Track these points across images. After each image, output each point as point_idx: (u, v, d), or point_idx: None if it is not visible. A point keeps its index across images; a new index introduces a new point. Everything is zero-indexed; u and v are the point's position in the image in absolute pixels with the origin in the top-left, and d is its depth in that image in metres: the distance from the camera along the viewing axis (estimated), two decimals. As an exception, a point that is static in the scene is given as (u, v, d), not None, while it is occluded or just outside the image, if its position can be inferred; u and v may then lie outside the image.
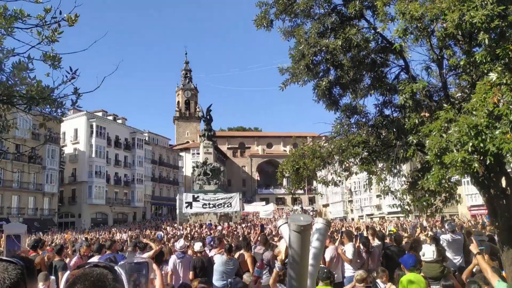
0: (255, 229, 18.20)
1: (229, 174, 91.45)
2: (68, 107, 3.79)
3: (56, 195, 53.99)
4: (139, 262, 1.72)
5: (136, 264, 1.69)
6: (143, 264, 1.70)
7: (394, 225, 19.08)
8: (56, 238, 22.94)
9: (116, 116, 69.62)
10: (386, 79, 8.44)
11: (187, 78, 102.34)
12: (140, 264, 1.69)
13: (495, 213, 7.14)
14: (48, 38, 3.24)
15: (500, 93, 5.37)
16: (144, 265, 1.70)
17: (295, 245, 3.39)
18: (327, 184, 8.88)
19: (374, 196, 58.27)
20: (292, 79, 7.89)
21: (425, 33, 7.04)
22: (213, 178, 46.94)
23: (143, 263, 1.71)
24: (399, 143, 7.79)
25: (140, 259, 1.76)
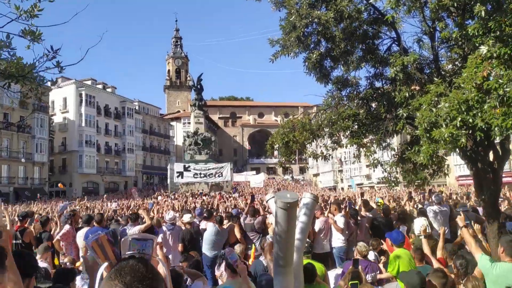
0: (246, 199, 18.35)
1: (220, 143, 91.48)
2: (48, 83, 3.67)
3: (46, 164, 53.74)
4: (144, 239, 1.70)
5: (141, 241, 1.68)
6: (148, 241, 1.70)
7: (384, 195, 19.29)
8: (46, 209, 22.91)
9: (106, 85, 68.74)
10: (378, 51, 8.35)
11: (178, 46, 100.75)
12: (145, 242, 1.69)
13: (481, 186, 7.23)
14: (28, 13, 3.11)
15: (490, 66, 5.33)
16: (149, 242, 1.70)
17: (282, 222, 3.40)
18: (316, 158, 8.89)
19: (364, 166, 58.81)
20: (283, 51, 7.76)
21: (418, 4, 6.93)
22: (204, 148, 46.93)
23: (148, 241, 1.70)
24: (389, 116, 7.78)
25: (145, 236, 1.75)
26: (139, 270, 1.35)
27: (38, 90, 3.42)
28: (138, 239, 1.67)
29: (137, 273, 1.33)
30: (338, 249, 9.29)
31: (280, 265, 3.44)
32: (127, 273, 1.32)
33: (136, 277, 1.32)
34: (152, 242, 1.70)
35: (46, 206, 24.58)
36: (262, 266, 6.34)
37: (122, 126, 67.70)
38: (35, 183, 51.29)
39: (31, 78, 3.21)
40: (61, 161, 59.27)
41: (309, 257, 6.30)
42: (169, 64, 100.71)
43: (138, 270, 1.35)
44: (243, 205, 15.01)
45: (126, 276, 1.31)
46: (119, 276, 1.31)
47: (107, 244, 1.68)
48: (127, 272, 1.33)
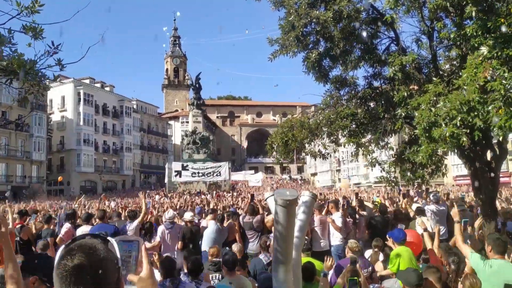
0: (245, 199, 18.38)
1: (218, 143, 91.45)
2: (50, 79, 3.69)
3: (44, 163, 53.63)
4: (131, 240, 1.70)
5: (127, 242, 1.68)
6: (134, 243, 1.69)
7: (380, 195, 19.30)
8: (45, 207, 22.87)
9: (104, 84, 68.62)
10: (376, 51, 8.39)
11: (176, 45, 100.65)
12: (131, 243, 1.68)
13: (479, 185, 7.27)
14: (29, 9, 3.13)
15: (491, 67, 5.37)
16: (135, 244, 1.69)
17: (281, 219, 3.42)
18: (315, 157, 8.93)
19: (362, 165, 58.89)
20: (282, 50, 7.79)
21: (416, 4, 6.98)
22: (202, 147, 46.97)
23: (133, 242, 1.70)
24: (387, 116, 7.82)
25: (131, 237, 1.75)
26: (91, 246, 1.35)
27: (40, 86, 3.44)
28: (124, 241, 1.68)
29: (87, 249, 1.33)
30: (336, 247, 9.32)
31: (279, 261, 3.46)
32: (78, 250, 1.33)
33: (86, 253, 1.32)
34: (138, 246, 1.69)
35: (45, 204, 24.53)
36: (262, 264, 6.37)
37: (120, 125, 67.60)
38: (33, 181, 51.18)
39: (33, 74, 3.23)
40: (59, 160, 59.17)
41: (308, 254, 6.34)
42: (167, 63, 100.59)
43: (90, 247, 1.35)
44: (242, 204, 15.04)
45: (76, 253, 1.32)
46: (68, 254, 1.32)
47: None
48: (77, 249, 1.33)
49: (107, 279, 1.34)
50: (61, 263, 1.31)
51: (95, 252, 1.34)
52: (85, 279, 1.29)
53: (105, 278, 1.34)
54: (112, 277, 1.38)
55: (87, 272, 1.30)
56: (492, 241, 4.40)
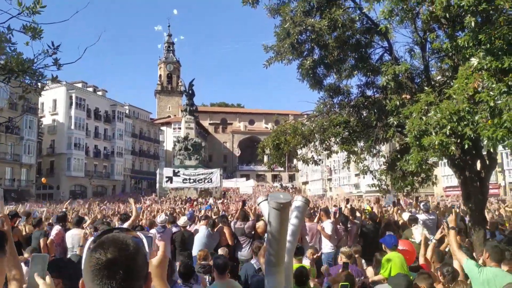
0: (236, 205, 18.34)
1: (210, 149, 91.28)
2: (48, 79, 3.71)
3: (34, 166, 53.15)
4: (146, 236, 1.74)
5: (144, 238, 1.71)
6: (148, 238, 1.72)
7: (370, 203, 19.37)
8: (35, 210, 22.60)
9: (96, 88, 68.38)
10: (370, 60, 8.49)
11: (170, 51, 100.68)
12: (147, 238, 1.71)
13: (468, 195, 7.36)
14: (29, 10, 3.15)
15: (480, 78, 5.47)
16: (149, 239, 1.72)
17: (274, 222, 3.45)
18: (307, 162, 8.98)
19: (353, 175, 59.12)
20: (277, 57, 7.87)
21: (410, 15, 7.08)
22: (194, 153, 46.85)
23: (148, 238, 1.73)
24: (380, 124, 7.90)
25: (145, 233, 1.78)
26: (123, 241, 1.35)
27: (38, 85, 3.45)
28: None
29: (119, 244, 1.33)
30: (326, 255, 9.35)
31: (272, 264, 3.49)
32: (110, 244, 1.32)
33: (118, 248, 1.32)
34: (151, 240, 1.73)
35: (40, 207, 24.28)
36: (253, 269, 6.38)
37: (112, 130, 67.29)
38: (22, 184, 50.68)
39: (31, 73, 3.24)
40: (49, 164, 58.66)
41: (300, 259, 6.36)
42: (160, 69, 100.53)
43: (122, 241, 1.35)
44: (234, 209, 15.01)
45: (108, 247, 1.31)
46: (101, 248, 1.31)
47: None
48: (109, 244, 1.33)
49: (138, 273, 1.35)
50: (93, 257, 1.30)
51: (127, 247, 1.34)
52: (118, 274, 1.28)
53: (137, 272, 1.34)
54: (143, 271, 1.38)
55: (120, 267, 1.29)
56: (490, 248, 4.40)
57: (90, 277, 1.30)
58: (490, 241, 5.29)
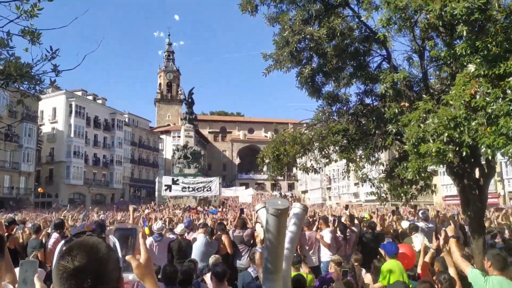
0: (234, 213, 18.29)
1: (209, 158, 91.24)
2: (47, 84, 3.72)
3: (33, 174, 53.06)
4: (129, 228, 1.71)
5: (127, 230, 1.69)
6: (132, 230, 1.70)
7: (369, 212, 19.33)
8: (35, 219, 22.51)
9: (96, 96, 68.51)
10: (368, 68, 8.52)
11: (170, 60, 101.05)
12: (130, 230, 1.69)
13: (467, 202, 7.35)
14: (28, 13, 3.16)
15: (478, 84, 5.49)
16: (133, 231, 1.70)
17: (272, 228, 3.44)
18: (307, 171, 8.97)
19: (352, 184, 59.04)
20: (276, 65, 7.89)
21: (408, 24, 7.11)
22: (193, 162, 46.79)
23: (132, 229, 1.71)
24: (378, 132, 7.90)
25: (129, 225, 1.77)
26: (92, 246, 1.32)
27: (36, 90, 3.46)
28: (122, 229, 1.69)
29: (89, 249, 1.30)
30: (325, 263, 9.29)
31: (269, 271, 3.46)
32: (78, 250, 1.29)
33: (87, 253, 1.29)
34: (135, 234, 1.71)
35: (37, 215, 24.17)
36: (250, 278, 6.34)
37: (111, 138, 67.32)
38: (21, 193, 50.55)
39: (29, 78, 3.24)
40: (48, 172, 58.58)
41: (298, 268, 6.33)
42: (160, 78, 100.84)
43: (91, 246, 1.32)
44: (231, 217, 14.94)
45: (76, 254, 1.28)
46: (68, 255, 1.28)
47: None
48: (78, 250, 1.29)
49: (108, 279, 1.32)
50: (60, 264, 1.28)
51: (97, 252, 1.32)
52: (86, 282, 1.26)
53: (106, 278, 1.32)
54: (114, 276, 1.36)
55: (89, 274, 1.27)
56: (492, 256, 4.34)
57: (58, 284, 1.28)
58: (491, 249, 5.24)
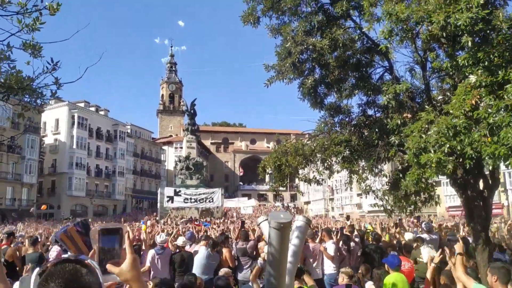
0: (235, 225, 18.21)
1: (211, 169, 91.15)
2: (48, 98, 3.71)
3: (35, 185, 53.06)
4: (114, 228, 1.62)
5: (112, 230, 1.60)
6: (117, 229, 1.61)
7: (374, 224, 19.21)
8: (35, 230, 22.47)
9: (99, 108, 68.75)
10: (371, 79, 8.51)
11: (172, 71, 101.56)
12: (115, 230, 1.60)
13: (471, 214, 7.28)
14: (29, 27, 3.16)
15: (479, 95, 5.46)
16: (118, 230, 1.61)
17: (275, 242, 3.39)
18: (309, 182, 8.92)
19: (355, 194, 58.77)
20: (278, 76, 7.90)
21: (410, 35, 7.11)
22: (195, 173, 46.79)
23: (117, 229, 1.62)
24: (381, 143, 7.87)
25: (112, 225, 1.67)
26: (72, 273, 1.29)
27: (37, 102, 3.44)
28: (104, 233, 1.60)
29: (68, 276, 1.27)
30: (329, 276, 9.22)
31: (272, 286, 3.41)
32: (57, 278, 1.26)
33: (66, 281, 1.26)
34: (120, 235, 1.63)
35: (35, 228, 24.12)
36: (252, 291, 6.27)
37: (113, 149, 67.38)
38: (23, 204, 50.49)
39: (30, 91, 3.24)
40: (50, 183, 58.55)
41: (301, 281, 6.26)
42: (163, 89, 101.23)
43: (71, 273, 1.29)
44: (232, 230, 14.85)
45: (58, 279, 1.26)
46: (46, 282, 1.26)
47: (77, 235, 1.62)
48: (57, 277, 1.27)
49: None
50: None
51: (77, 279, 1.29)
52: None
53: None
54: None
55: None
56: (497, 270, 4.24)
57: None
58: (496, 262, 5.17)
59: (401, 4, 6.35)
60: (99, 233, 1.55)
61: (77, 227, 1.62)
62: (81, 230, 1.62)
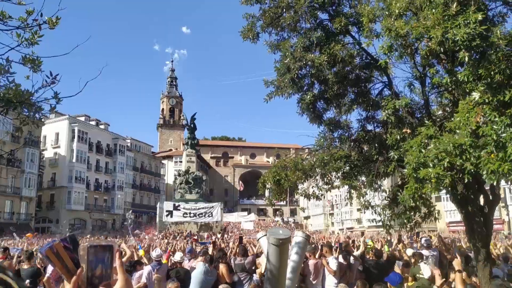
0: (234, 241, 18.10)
1: (211, 183, 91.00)
2: (47, 112, 3.71)
3: (34, 199, 52.89)
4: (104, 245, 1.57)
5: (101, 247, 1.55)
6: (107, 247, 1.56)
7: (375, 239, 19.10)
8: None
9: (99, 121, 68.94)
10: (370, 95, 8.54)
11: (173, 85, 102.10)
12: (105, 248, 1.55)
13: (472, 230, 7.23)
14: (28, 41, 3.17)
15: (482, 112, 5.47)
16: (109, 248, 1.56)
17: (273, 259, 3.36)
18: (308, 197, 8.88)
19: (355, 209, 58.53)
20: (277, 91, 7.92)
21: (409, 51, 7.15)
22: (195, 187, 46.65)
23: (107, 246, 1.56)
24: (381, 159, 7.85)
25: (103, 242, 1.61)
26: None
27: (35, 116, 3.44)
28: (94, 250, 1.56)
29: None
30: (329, 292, 9.11)
31: (271, 303, 3.37)
32: None
33: None
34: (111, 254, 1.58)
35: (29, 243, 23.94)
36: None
37: (113, 163, 67.36)
38: (21, 218, 50.25)
39: (29, 105, 3.23)
40: (49, 197, 58.39)
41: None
42: (163, 103, 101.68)
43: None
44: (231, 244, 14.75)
45: None
46: None
47: (63, 252, 1.55)
48: None
49: None
50: None
51: None
52: None
53: None
54: None
55: None
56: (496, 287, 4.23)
57: None
58: (495, 280, 5.13)
59: (400, 20, 6.39)
60: (88, 250, 1.50)
61: (64, 242, 1.54)
62: (68, 245, 1.55)
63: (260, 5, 8.12)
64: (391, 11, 6.53)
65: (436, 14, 5.66)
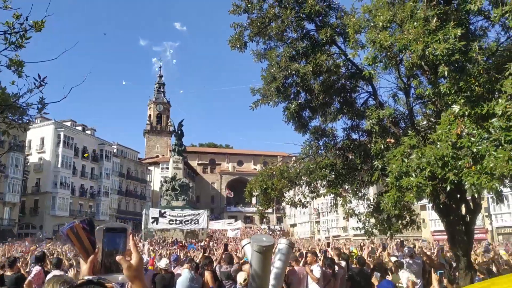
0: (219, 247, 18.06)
1: (198, 190, 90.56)
2: (33, 115, 3.71)
3: (18, 205, 52.04)
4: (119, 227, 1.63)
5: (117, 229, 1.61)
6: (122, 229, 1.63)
7: (357, 247, 19.18)
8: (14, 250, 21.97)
9: (85, 127, 68.32)
10: (355, 104, 8.66)
11: (160, 92, 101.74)
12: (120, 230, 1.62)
13: (453, 239, 7.35)
14: (15, 44, 3.19)
15: (463, 124, 5.60)
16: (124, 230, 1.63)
17: (256, 266, 3.40)
18: (294, 206, 8.95)
19: (341, 217, 58.70)
20: (263, 100, 8.00)
21: (393, 62, 7.29)
22: (181, 194, 46.37)
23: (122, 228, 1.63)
24: (365, 167, 7.96)
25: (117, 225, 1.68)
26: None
27: (22, 120, 3.44)
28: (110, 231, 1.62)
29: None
30: (313, 300, 9.14)
31: (253, 309, 3.40)
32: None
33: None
34: (126, 234, 1.64)
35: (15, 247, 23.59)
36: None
37: (99, 169, 66.71)
38: (4, 224, 49.42)
39: (15, 107, 3.24)
40: (33, 202, 57.52)
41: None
42: (150, 109, 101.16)
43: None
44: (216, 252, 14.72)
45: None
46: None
47: (82, 232, 1.63)
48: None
49: None
50: None
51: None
52: None
53: None
54: None
55: None
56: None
57: None
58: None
59: (384, 32, 6.52)
60: (104, 231, 1.57)
61: (83, 224, 1.62)
62: (86, 227, 1.63)
63: (248, 14, 8.21)
64: (375, 23, 6.66)
65: (417, 28, 5.80)
